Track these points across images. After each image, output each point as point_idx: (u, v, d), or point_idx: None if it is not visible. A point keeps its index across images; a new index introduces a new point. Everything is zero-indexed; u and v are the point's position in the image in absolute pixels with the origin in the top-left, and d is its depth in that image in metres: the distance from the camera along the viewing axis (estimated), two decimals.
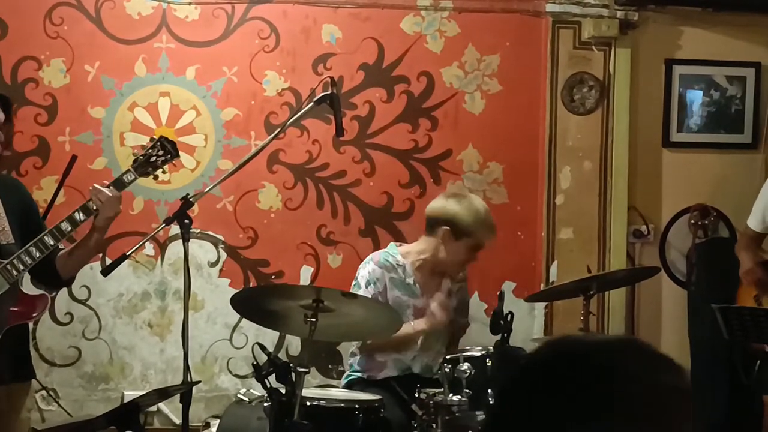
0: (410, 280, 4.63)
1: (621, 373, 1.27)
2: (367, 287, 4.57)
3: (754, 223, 5.11)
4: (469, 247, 4.60)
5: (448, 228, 4.57)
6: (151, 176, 3.98)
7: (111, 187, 3.83)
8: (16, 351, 3.84)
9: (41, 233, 3.74)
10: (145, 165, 3.93)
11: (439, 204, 4.67)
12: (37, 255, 3.72)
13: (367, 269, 4.63)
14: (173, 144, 4.00)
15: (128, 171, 3.91)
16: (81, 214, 3.78)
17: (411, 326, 4.55)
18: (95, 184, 3.83)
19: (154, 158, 3.94)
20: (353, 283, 4.64)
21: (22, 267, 3.71)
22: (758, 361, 4.82)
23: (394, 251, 4.71)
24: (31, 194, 4.19)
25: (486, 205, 4.73)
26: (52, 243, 3.73)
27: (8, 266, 3.70)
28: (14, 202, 3.85)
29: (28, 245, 3.71)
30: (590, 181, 5.71)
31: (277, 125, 5.12)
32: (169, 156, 3.97)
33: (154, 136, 4.03)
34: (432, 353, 4.66)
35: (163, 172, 4.01)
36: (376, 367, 4.64)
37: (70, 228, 3.76)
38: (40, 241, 3.72)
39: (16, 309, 3.74)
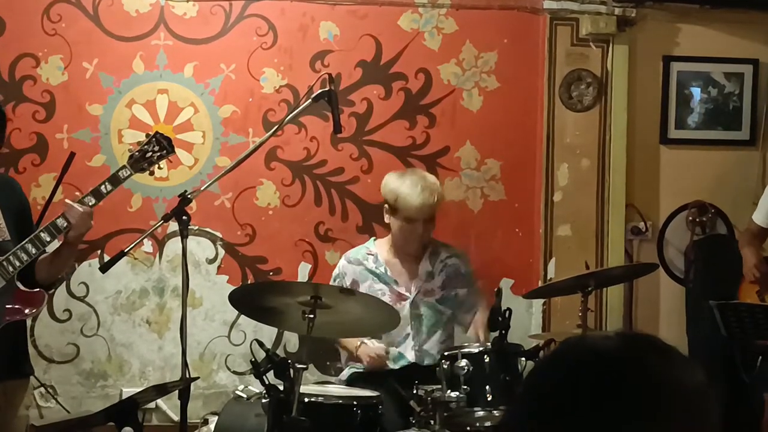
0: (381, 269, 4.74)
1: (655, 377, 1.26)
2: (332, 281, 4.83)
3: (759, 218, 5.11)
4: (404, 221, 4.69)
5: (386, 205, 4.77)
6: (147, 172, 3.99)
7: (83, 201, 3.84)
8: (13, 348, 3.85)
9: (37, 230, 3.75)
10: (140, 161, 3.94)
11: (382, 183, 4.88)
12: (33, 251, 3.72)
13: (339, 264, 4.90)
14: (169, 140, 4.00)
15: (124, 167, 3.92)
16: (47, 235, 3.78)
17: (357, 346, 4.67)
18: (67, 201, 3.85)
19: (150, 154, 3.95)
20: None
21: (18, 263, 3.72)
22: (759, 357, 4.81)
23: (369, 244, 4.91)
24: (29, 191, 4.20)
25: (425, 179, 4.78)
26: (48, 239, 3.75)
27: (4, 263, 3.70)
28: (10, 201, 3.86)
29: (24, 242, 3.72)
30: (588, 178, 5.71)
31: (275, 122, 5.12)
32: (164, 152, 3.98)
33: (150, 132, 4.04)
34: (422, 340, 4.68)
35: (159, 167, 4.01)
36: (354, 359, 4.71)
37: (48, 239, 3.78)
38: (36, 238, 3.73)
39: (12, 305, 3.74)
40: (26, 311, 3.80)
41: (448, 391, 3.96)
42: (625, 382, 1.25)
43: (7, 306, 3.73)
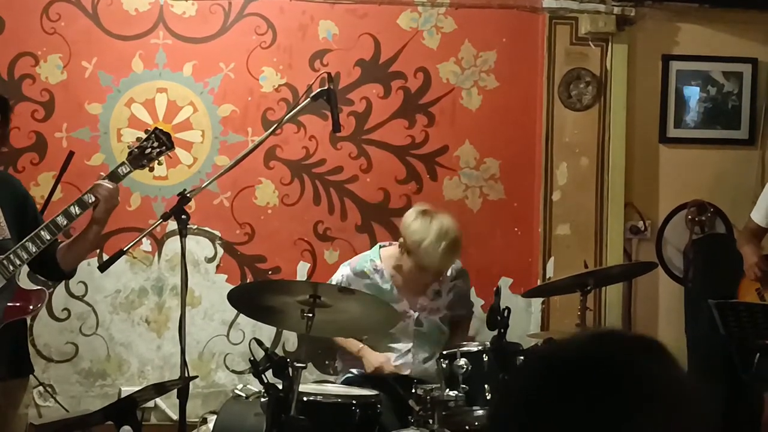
0: (387, 286, 4.66)
1: (642, 374, 1.26)
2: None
3: (758, 217, 5.10)
4: (415, 265, 4.60)
5: (402, 239, 4.63)
6: (147, 168, 3.97)
7: (109, 180, 3.84)
8: (13, 347, 3.84)
9: (38, 227, 3.74)
10: (140, 157, 3.92)
11: (408, 212, 4.73)
12: (33, 250, 3.72)
13: (342, 272, 4.77)
14: (168, 136, 3.99)
15: (123, 163, 3.91)
16: (77, 208, 3.78)
17: (359, 349, 4.64)
18: (97, 181, 3.84)
19: (149, 150, 3.93)
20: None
21: (18, 262, 3.71)
22: (757, 354, 4.81)
23: (374, 256, 4.77)
24: (28, 190, 4.19)
25: (449, 231, 4.56)
26: (48, 237, 3.73)
27: (4, 261, 3.70)
28: (9, 198, 3.85)
29: (24, 240, 3.71)
30: (587, 177, 5.71)
31: (274, 121, 5.12)
32: (164, 148, 3.96)
33: (149, 129, 4.02)
34: (422, 356, 4.66)
35: (159, 163, 3.99)
36: (355, 364, 4.68)
37: (66, 222, 3.76)
38: (36, 236, 3.72)
39: (12, 304, 3.74)
40: (27, 309, 3.80)
41: (447, 390, 3.97)
42: (621, 381, 1.24)
43: (8, 304, 3.73)
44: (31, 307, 3.81)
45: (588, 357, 1.27)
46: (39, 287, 3.91)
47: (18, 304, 3.76)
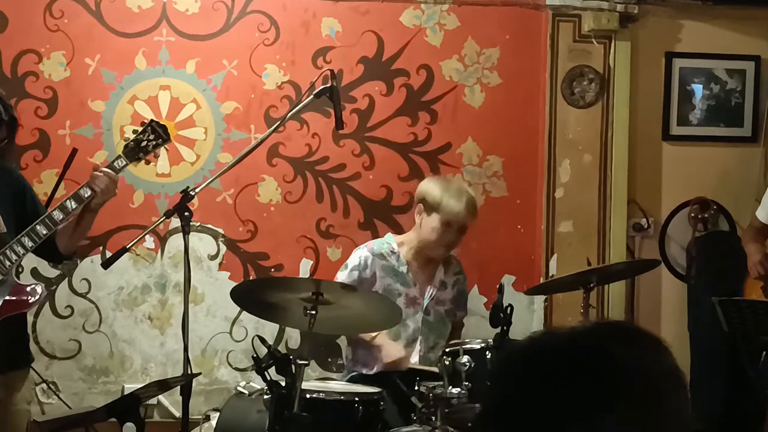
0: (403, 269, 4.68)
1: (617, 362, 1.26)
2: (351, 271, 4.66)
3: (763, 215, 5.10)
4: (441, 223, 4.63)
5: (421, 204, 4.69)
6: (143, 161, 3.97)
7: (108, 170, 3.83)
8: (12, 340, 3.84)
9: (39, 217, 3.74)
10: (135, 150, 3.91)
11: (420, 184, 4.83)
12: (30, 245, 3.71)
13: (358, 254, 4.74)
14: (164, 128, 3.98)
15: (119, 157, 3.90)
16: (73, 203, 3.78)
17: (373, 336, 4.60)
18: (94, 171, 3.84)
19: (145, 143, 3.92)
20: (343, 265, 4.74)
21: (15, 257, 3.71)
22: (764, 353, 4.80)
23: (390, 239, 4.81)
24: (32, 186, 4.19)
25: (467, 188, 4.82)
26: (44, 232, 3.73)
27: (1, 257, 3.69)
28: (4, 190, 3.83)
29: (20, 235, 3.70)
30: (590, 175, 5.71)
31: (277, 118, 5.12)
32: (160, 140, 3.95)
33: (145, 121, 4.02)
34: (428, 345, 4.68)
35: (156, 156, 3.98)
36: (368, 361, 4.66)
37: (62, 216, 3.76)
38: (32, 231, 3.71)
39: (10, 299, 3.73)
40: (25, 304, 3.79)
41: (450, 387, 3.96)
42: (605, 373, 1.25)
43: (5, 298, 3.73)
44: (28, 302, 3.80)
45: (574, 348, 1.28)
46: (37, 283, 3.92)
47: (16, 299, 3.75)
